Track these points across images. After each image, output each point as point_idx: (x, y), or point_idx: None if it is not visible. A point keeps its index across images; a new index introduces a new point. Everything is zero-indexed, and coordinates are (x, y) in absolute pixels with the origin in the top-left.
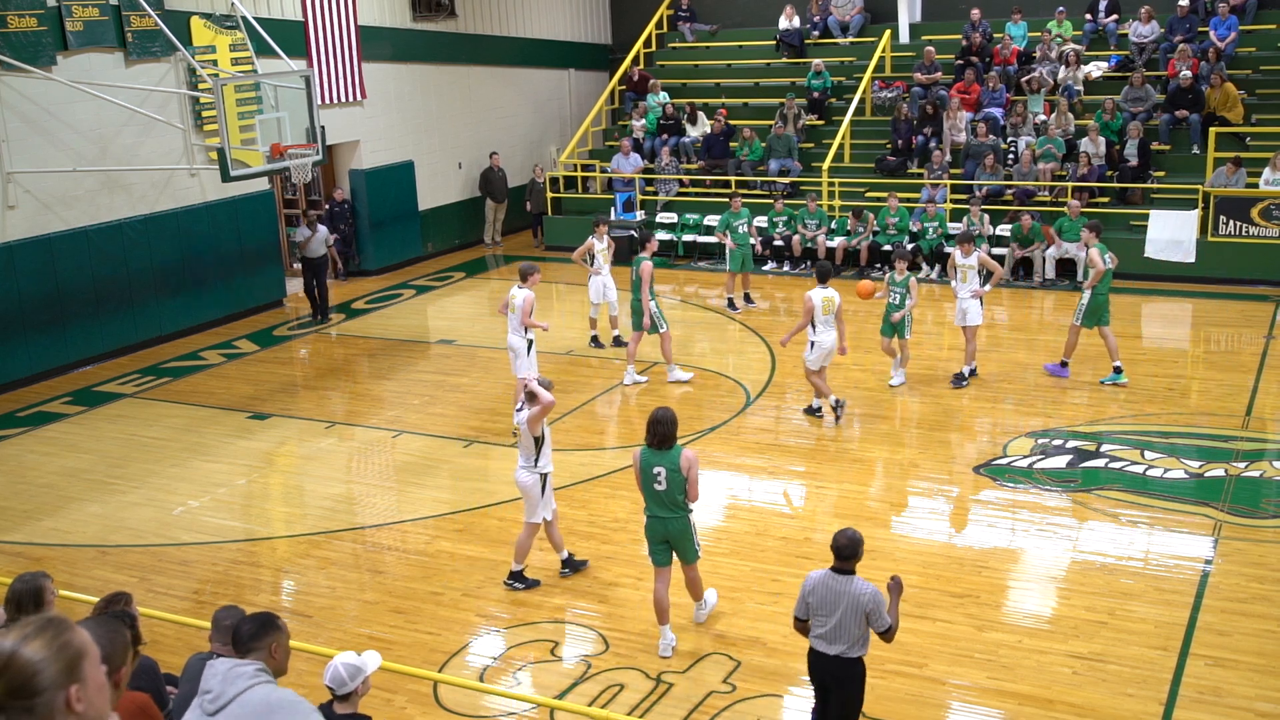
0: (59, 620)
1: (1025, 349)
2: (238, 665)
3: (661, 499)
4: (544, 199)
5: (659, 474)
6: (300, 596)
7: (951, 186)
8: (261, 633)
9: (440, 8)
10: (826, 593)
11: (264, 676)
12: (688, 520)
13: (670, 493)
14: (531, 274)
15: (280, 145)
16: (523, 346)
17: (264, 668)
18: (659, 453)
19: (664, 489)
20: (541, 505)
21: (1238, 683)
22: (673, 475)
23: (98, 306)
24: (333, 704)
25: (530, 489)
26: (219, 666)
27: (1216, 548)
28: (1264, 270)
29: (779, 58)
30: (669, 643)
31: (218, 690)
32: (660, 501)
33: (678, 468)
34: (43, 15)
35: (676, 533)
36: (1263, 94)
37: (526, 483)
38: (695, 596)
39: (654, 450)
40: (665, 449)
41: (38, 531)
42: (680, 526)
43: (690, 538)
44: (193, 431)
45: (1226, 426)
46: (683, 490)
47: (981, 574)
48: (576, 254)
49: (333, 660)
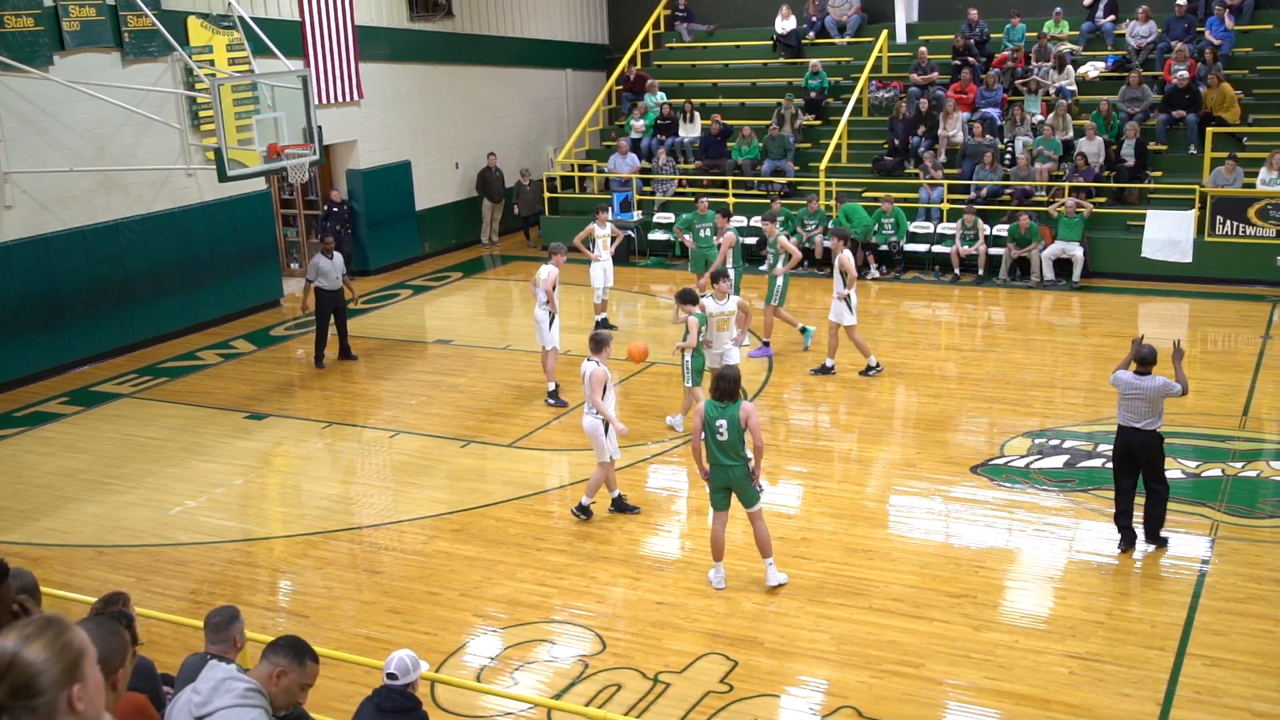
0: (59, 620)
1: (1022, 349)
2: (231, 679)
3: (724, 448)
4: (530, 202)
5: (721, 425)
6: (297, 597)
7: (949, 187)
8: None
9: (437, 8)
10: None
11: (252, 699)
12: (746, 468)
13: (732, 442)
14: (557, 252)
15: (277, 145)
16: (545, 319)
17: (257, 689)
18: (722, 406)
19: (726, 439)
20: (609, 446)
21: (1234, 683)
22: (734, 426)
23: (95, 306)
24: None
25: (594, 432)
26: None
27: (1213, 548)
28: (1261, 270)
29: (776, 58)
30: (720, 576)
31: (205, 696)
32: (724, 450)
33: (738, 419)
34: (40, 15)
35: (738, 479)
36: (1260, 94)
37: (591, 426)
38: (764, 552)
39: (718, 404)
40: (727, 403)
41: (35, 532)
42: (740, 473)
43: (749, 483)
44: (190, 431)
45: (1223, 426)
46: (743, 440)
47: (978, 574)
48: (578, 238)
49: (397, 652)
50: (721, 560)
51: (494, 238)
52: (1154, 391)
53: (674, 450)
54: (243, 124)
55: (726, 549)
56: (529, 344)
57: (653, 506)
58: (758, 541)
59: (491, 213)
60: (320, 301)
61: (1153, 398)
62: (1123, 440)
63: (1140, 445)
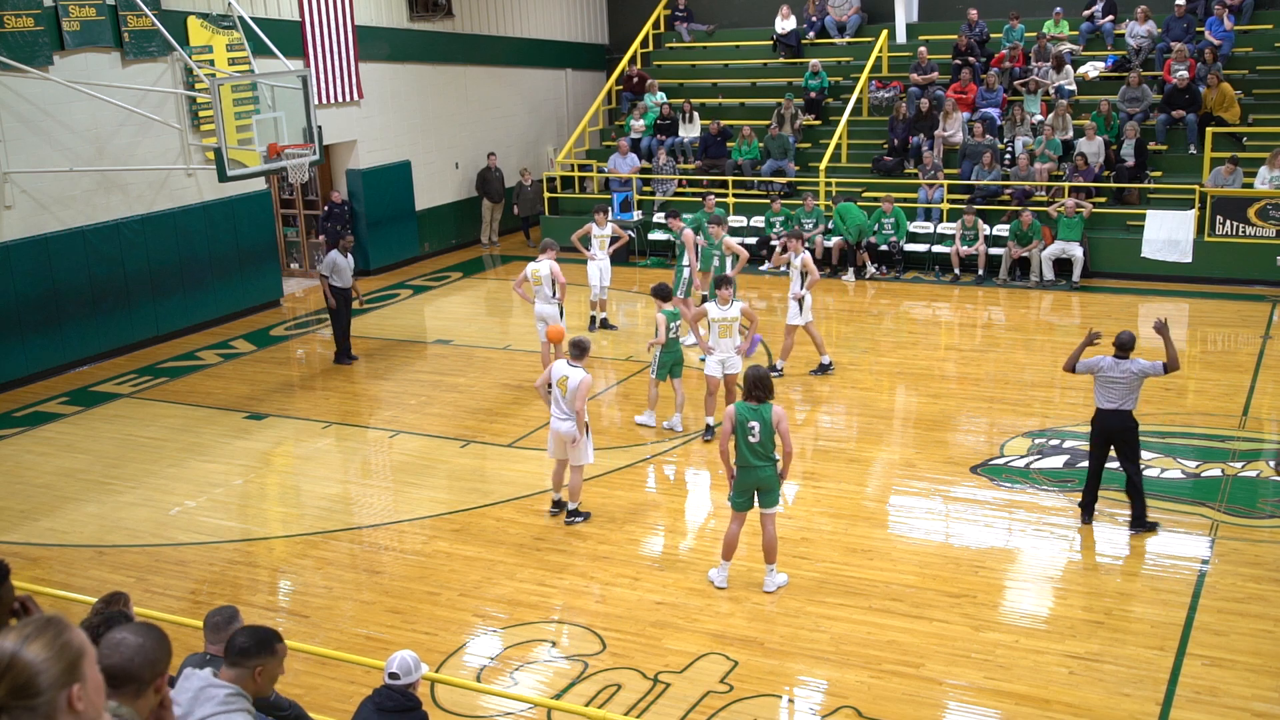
0: (58, 620)
1: (1022, 349)
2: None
3: (755, 450)
4: (530, 202)
5: (753, 427)
6: (297, 597)
7: (948, 186)
8: (253, 651)
9: (437, 7)
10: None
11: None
12: (774, 469)
13: (762, 444)
14: (549, 249)
15: (277, 145)
16: (554, 312)
17: (238, 693)
18: (754, 408)
19: (757, 440)
20: (589, 449)
21: (1234, 682)
22: (766, 428)
23: (94, 306)
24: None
25: (574, 436)
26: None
27: (1213, 548)
28: (1261, 270)
29: (776, 58)
30: (724, 576)
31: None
32: (754, 451)
33: (769, 421)
34: (39, 15)
35: (765, 479)
36: (1259, 94)
37: (570, 430)
38: (769, 558)
39: (750, 406)
40: (759, 405)
41: (35, 532)
42: (768, 474)
43: (777, 485)
44: (189, 432)
45: (1223, 426)
46: (773, 441)
47: (978, 574)
48: (575, 235)
49: (400, 652)
50: (729, 561)
51: (494, 238)
52: (1136, 375)
53: (672, 451)
54: (243, 124)
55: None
56: (529, 344)
57: (653, 506)
58: (765, 545)
59: (491, 213)
60: (338, 301)
61: (1133, 381)
62: (1101, 423)
63: (1119, 428)
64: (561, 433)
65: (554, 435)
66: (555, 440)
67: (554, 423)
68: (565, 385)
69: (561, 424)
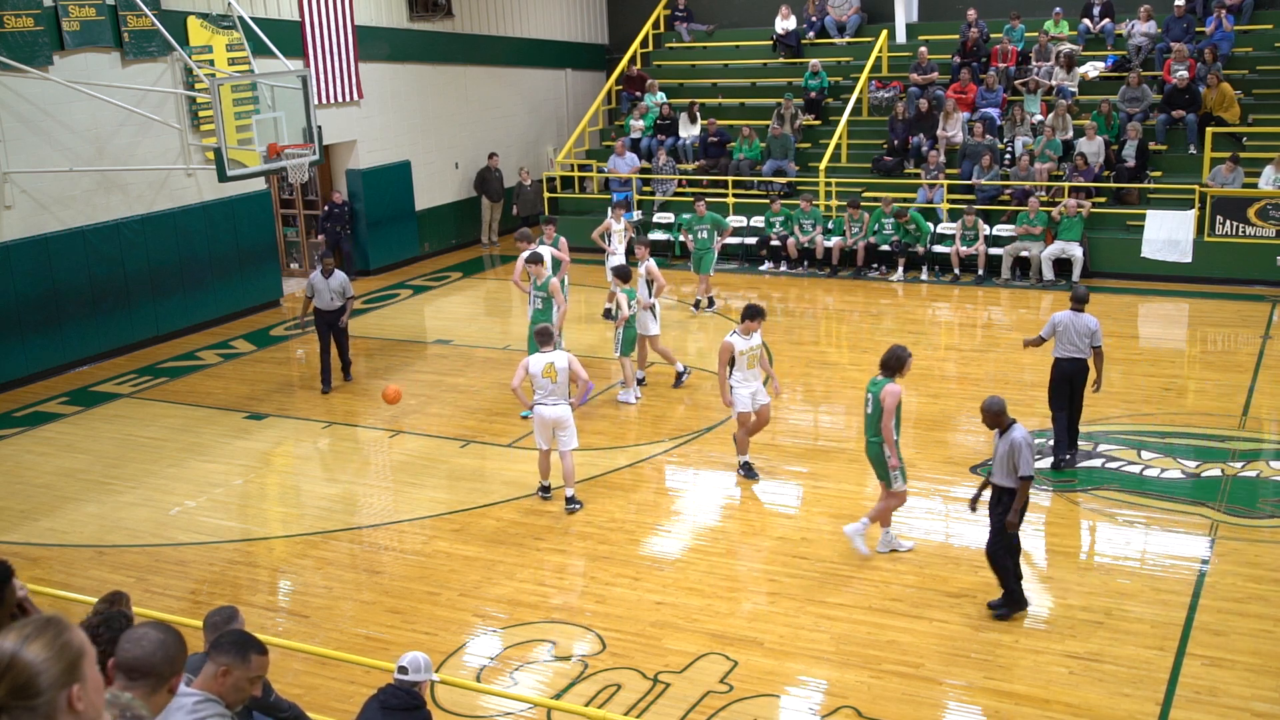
0: (58, 620)
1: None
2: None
3: (869, 423)
4: (530, 202)
5: (869, 399)
6: (297, 597)
7: (948, 187)
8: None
9: (437, 7)
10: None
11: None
12: (880, 448)
13: (873, 417)
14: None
15: (277, 145)
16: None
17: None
18: (876, 381)
19: (870, 413)
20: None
21: (1234, 683)
22: (874, 402)
23: (94, 306)
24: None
25: (567, 419)
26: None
27: (1213, 548)
28: (1261, 270)
29: (776, 58)
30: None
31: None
32: (869, 425)
33: (879, 397)
34: (39, 15)
35: (873, 457)
36: (1259, 94)
37: (563, 415)
38: (882, 521)
39: (876, 379)
40: (881, 379)
41: (35, 532)
42: (874, 452)
43: (883, 463)
44: (189, 432)
45: (1223, 426)
46: (880, 418)
47: (978, 574)
48: (595, 233)
49: (413, 652)
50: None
51: (493, 238)
52: (1088, 326)
53: (673, 450)
54: (242, 124)
55: (728, 545)
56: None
57: (653, 506)
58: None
59: (491, 213)
60: (316, 323)
61: (1085, 332)
62: (1060, 369)
63: (1075, 372)
64: (547, 419)
65: (540, 422)
66: (541, 427)
67: (539, 410)
68: (554, 371)
69: (547, 410)
